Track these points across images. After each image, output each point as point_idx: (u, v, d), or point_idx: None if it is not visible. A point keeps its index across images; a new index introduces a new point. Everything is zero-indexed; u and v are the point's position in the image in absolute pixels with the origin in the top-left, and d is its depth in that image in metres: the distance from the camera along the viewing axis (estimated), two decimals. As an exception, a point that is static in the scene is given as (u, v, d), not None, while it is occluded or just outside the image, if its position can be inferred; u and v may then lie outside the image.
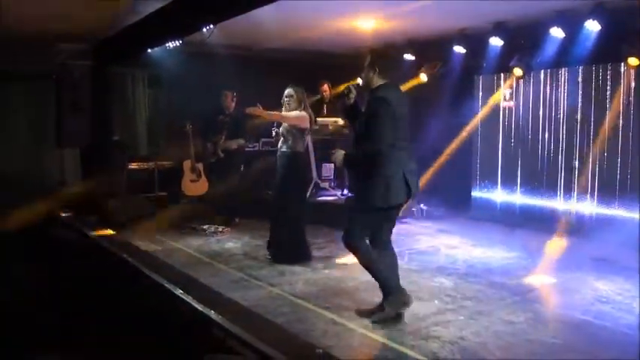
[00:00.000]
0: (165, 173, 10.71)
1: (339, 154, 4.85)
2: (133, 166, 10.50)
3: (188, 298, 4.36)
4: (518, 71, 8.79)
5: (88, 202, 9.19)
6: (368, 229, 4.91)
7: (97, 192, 9.26)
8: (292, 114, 6.68)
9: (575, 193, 8.52)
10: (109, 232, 7.06)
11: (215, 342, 3.68)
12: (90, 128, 9.57)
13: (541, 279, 6.21)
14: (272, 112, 6.86)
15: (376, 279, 4.94)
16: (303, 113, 6.73)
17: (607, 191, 8.12)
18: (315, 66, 10.84)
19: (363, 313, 4.95)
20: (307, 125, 6.78)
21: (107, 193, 9.20)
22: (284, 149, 6.73)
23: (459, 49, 9.20)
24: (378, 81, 4.87)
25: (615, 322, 4.95)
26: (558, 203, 8.79)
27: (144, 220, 8.82)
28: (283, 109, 6.81)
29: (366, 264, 4.91)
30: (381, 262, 4.92)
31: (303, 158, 6.90)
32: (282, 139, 6.76)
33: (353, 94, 4.95)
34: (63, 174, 10.49)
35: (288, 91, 6.80)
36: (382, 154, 4.63)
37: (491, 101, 9.60)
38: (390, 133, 4.64)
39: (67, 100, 9.61)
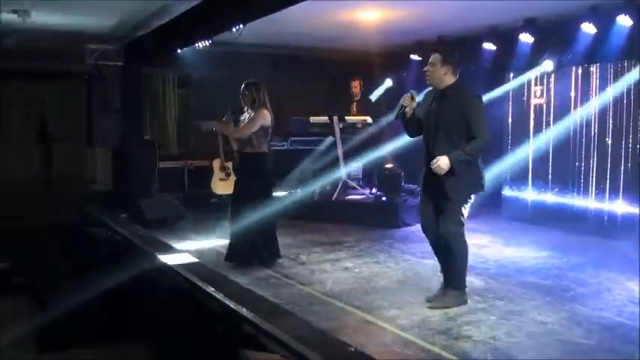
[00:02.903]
0: (194, 172, 10.82)
1: (444, 161, 4.72)
2: (163, 165, 10.61)
3: (219, 295, 4.38)
4: (548, 65, 8.69)
5: (120, 201, 9.31)
6: (464, 217, 5.03)
7: (128, 190, 9.38)
8: (251, 124, 6.33)
9: (608, 192, 8.39)
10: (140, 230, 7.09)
11: (248, 339, 3.70)
12: (121, 128, 9.68)
13: (572, 279, 6.13)
14: (225, 128, 6.58)
15: (458, 269, 5.11)
16: (261, 114, 6.35)
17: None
18: (346, 63, 10.85)
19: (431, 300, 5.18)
20: (268, 123, 6.40)
21: (138, 192, 9.31)
22: (247, 150, 6.44)
23: (489, 46, 9.14)
24: (451, 78, 4.96)
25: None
26: (590, 202, 8.67)
27: (174, 219, 8.92)
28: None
29: (461, 254, 5.07)
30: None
31: (268, 159, 6.57)
32: (245, 140, 6.41)
33: (414, 105, 5.00)
34: (94, 172, 10.66)
35: (242, 87, 6.47)
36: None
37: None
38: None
39: (98, 99, 9.74)
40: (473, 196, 5.01)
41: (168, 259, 5.48)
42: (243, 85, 6.48)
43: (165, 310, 4.74)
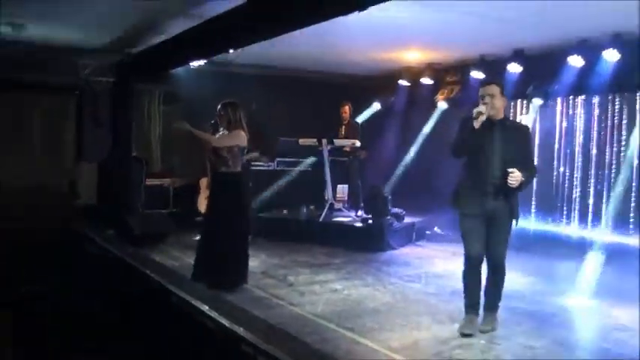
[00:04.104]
0: (180, 190, 10.80)
1: (519, 173, 4.84)
2: (148, 182, 10.60)
3: (215, 315, 4.41)
4: (537, 101, 8.94)
5: (105, 216, 9.28)
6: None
7: (115, 206, 9.36)
8: (228, 138, 6.35)
9: (590, 220, 8.59)
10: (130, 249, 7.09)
11: (246, 359, 3.74)
12: (109, 143, 9.67)
13: (558, 304, 6.25)
14: (200, 132, 6.42)
15: (500, 295, 5.32)
16: (237, 133, 6.35)
17: (622, 219, 8.19)
18: (336, 86, 10.98)
19: (471, 330, 5.14)
20: (245, 143, 6.43)
21: (125, 208, 9.29)
22: (223, 169, 6.40)
23: (477, 75, 9.30)
24: (503, 112, 5.11)
25: (633, 349, 4.96)
26: (573, 230, 8.85)
27: (162, 235, 8.91)
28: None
29: (504, 279, 5.32)
30: None
31: (243, 179, 6.60)
32: (221, 158, 6.37)
33: (484, 118, 4.93)
34: (79, 187, 10.60)
35: (219, 107, 6.46)
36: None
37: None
38: None
39: (88, 114, 9.74)
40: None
41: (157, 275, 5.53)
42: (219, 106, 6.47)
43: (158, 327, 4.77)
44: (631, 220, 8.15)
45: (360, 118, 11.11)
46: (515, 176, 4.81)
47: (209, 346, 4.11)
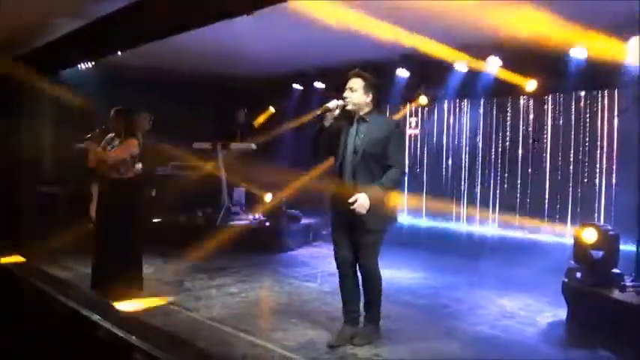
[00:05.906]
0: (71, 196, 10.43)
1: (364, 201, 4.46)
2: (40, 188, 10.21)
3: (107, 324, 4.31)
4: (423, 99, 9.28)
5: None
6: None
7: (4, 214, 8.96)
8: (121, 150, 6.21)
9: (478, 216, 9.04)
10: (19, 258, 6.80)
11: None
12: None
13: (448, 297, 6.53)
14: (99, 152, 6.20)
15: (379, 303, 4.95)
16: (130, 142, 6.26)
17: (507, 214, 8.68)
18: (232, 90, 10.94)
19: (338, 342, 4.85)
20: (136, 151, 6.31)
21: (14, 216, 8.91)
22: (114, 175, 6.27)
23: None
24: (369, 105, 4.77)
25: (521, 334, 5.34)
26: (461, 226, 9.28)
27: (52, 245, 8.59)
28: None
29: (380, 287, 4.90)
30: None
31: (134, 185, 6.44)
32: (110, 165, 6.23)
33: (335, 114, 4.69)
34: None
35: (111, 114, 6.33)
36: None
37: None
38: None
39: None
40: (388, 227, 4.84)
41: (47, 286, 5.33)
42: (112, 112, 6.33)
43: (49, 340, 4.60)
44: (516, 215, 8.62)
45: (256, 122, 11.17)
46: (359, 205, 4.47)
47: (101, 358, 4.01)
